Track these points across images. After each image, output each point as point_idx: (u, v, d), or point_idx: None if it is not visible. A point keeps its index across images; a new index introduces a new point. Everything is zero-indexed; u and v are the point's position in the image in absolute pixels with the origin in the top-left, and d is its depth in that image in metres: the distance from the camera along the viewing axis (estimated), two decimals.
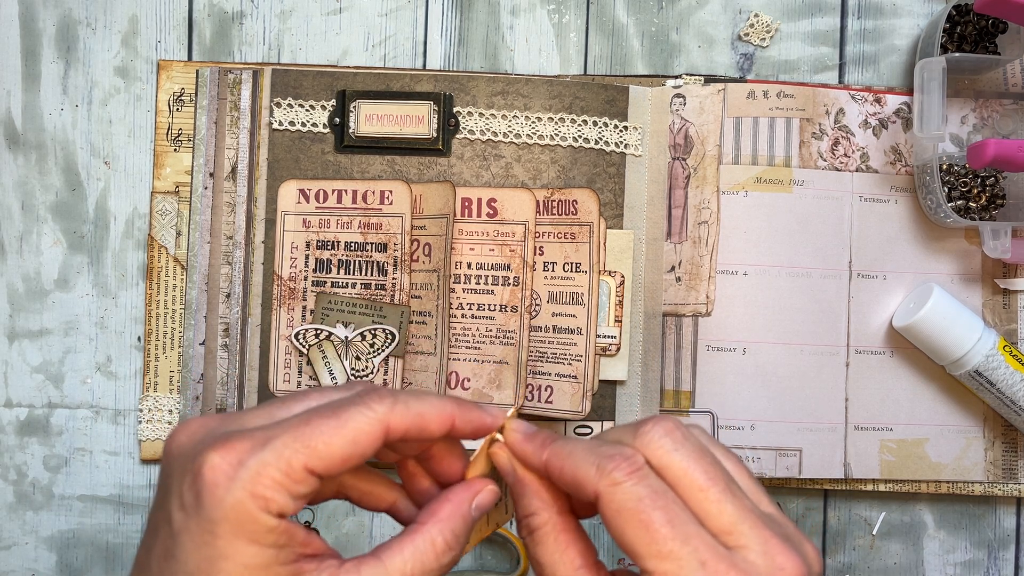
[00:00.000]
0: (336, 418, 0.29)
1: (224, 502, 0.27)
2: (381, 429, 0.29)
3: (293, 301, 0.55)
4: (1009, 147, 0.49)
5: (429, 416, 0.30)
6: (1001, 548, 0.58)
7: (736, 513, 0.28)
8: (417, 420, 0.30)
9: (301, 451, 0.28)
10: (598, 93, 0.56)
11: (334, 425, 0.28)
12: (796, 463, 0.55)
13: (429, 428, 0.30)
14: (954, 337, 0.53)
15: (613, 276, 0.56)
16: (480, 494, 0.32)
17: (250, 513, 0.27)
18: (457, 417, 0.31)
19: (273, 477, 0.27)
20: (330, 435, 0.28)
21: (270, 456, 0.27)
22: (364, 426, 0.29)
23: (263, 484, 0.27)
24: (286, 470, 0.27)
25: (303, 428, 0.28)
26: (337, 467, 0.28)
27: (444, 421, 0.31)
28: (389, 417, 0.29)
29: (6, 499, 0.56)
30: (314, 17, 0.57)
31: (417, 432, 0.30)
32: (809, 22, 0.58)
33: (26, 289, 0.56)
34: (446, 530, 0.30)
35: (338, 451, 0.28)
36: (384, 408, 0.29)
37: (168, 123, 0.56)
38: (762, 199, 0.56)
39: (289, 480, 0.28)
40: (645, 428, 0.29)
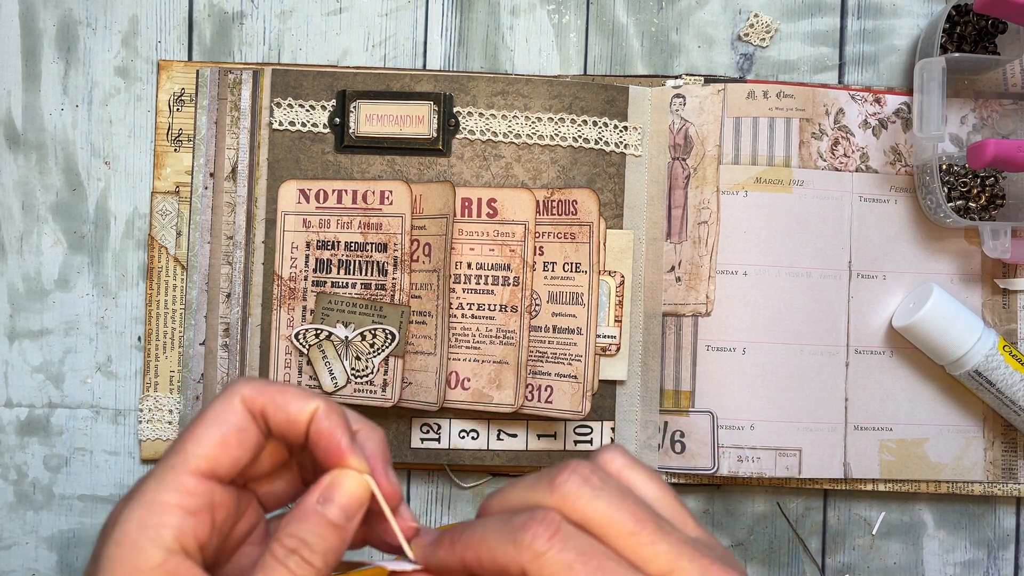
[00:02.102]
0: (201, 415, 0.29)
1: (110, 539, 0.27)
2: (237, 400, 0.28)
3: (293, 301, 0.55)
4: (1009, 147, 0.50)
5: (290, 393, 0.29)
6: (1001, 548, 0.58)
7: (671, 551, 0.26)
8: (277, 394, 0.29)
9: (179, 463, 0.27)
10: (598, 93, 0.56)
11: (197, 422, 0.28)
12: (796, 463, 0.55)
13: (289, 408, 0.29)
14: (954, 337, 0.53)
15: (613, 276, 0.56)
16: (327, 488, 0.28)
17: (136, 545, 0.27)
18: (321, 409, 0.29)
19: (162, 500, 0.27)
20: (197, 430, 0.28)
21: (153, 483, 0.27)
22: (220, 404, 0.28)
23: (151, 511, 0.27)
24: (173, 486, 0.27)
25: (178, 446, 0.28)
26: (217, 453, 0.28)
27: (303, 403, 0.29)
28: (242, 389, 0.29)
29: (6, 499, 0.56)
30: (314, 17, 0.58)
31: (275, 410, 0.29)
32: (809, 22, 0.58)
33: (26, 289, 0.56)
34: (287, 537, 0.27)
35: (206, 438, 0.28)
36: (240, 383, 0.29)
37: (168, 123, 0.56)
38: (762, 199, 0.56)
39: (180, 495, 0.27)
40: (560, 479, 0.27)
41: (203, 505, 0.28)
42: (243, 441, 0.29)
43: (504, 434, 0.56)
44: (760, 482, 0.57)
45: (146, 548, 0.26)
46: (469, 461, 0.56)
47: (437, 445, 0.56)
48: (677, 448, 0.56)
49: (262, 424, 0.29)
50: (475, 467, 0.57)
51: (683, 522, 0.28)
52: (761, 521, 0.58)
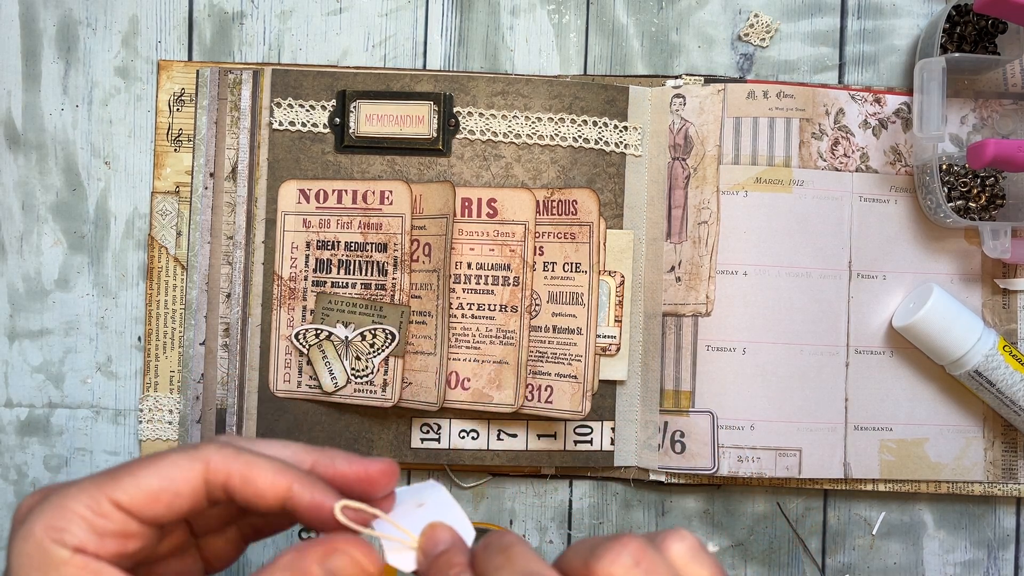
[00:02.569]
0: (157, 458, 0.27)
1: (19, 535, 0.26)
2: (200, 466, 0.27)
3: (293, 301, 0.55)
4: (1009, 147, 0.50)
5: (261, 468, 0.27)
6: (1001, 548, 0.58)
7: None
8: (245, 468, 0.27)
9: (107, 485, 0.26)
10: (598, 93, 0.56)
11: (150, 463, 0.27)
12: (796, 463, 0.55)
13: (257, 483, 0.27)
14: (954, 337, 0.53)
15: (613, 276, 0.56)
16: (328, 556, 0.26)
17: (41, 545, 0.26)
18: (295, 485, 0.27)
19: (73, 509, 0.26)
20: (142, 470, 0.27)
21: (73, 489, 0.26)
22: (182, 461, 0.27)
23: (61, 516, 0.26)
24: (88, 503, 0.26)
25: (120, 470, 0.27)
26: (146, 501, 0.26)
27: (278, 481, 0.27)
28: (211, 456, 0.27)
29: (6, 499, 0.56)
30: (314, 17, 0.58)
31: (243, 484, 0.27)
32: (809, 22, 0.58)
33: (26, 289, 0.56)
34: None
35: (145, 483, 0.26)
36: (211, 449, 0.27)
37: (168, 123, 0.56)
38: (762, 199, 0.56)
39: (92, 513, 0.26)
40: (608, 556, 0.24)
41: (113, 532, 0.27)
42: (174, 505, 0.27)
43: (504, 434, 0.56)
44: (760, 482, 0.57)
45: (50, 548, 0.26)
46: (469, 461, 0.56)
47: (437, 445, 0.56)
48: (677, 448, 0.56)
49: (218, 493, 0.28)
50: (475, 467, 0.57)
51: None
52: (761, 521, 0.58)
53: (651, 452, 0.56)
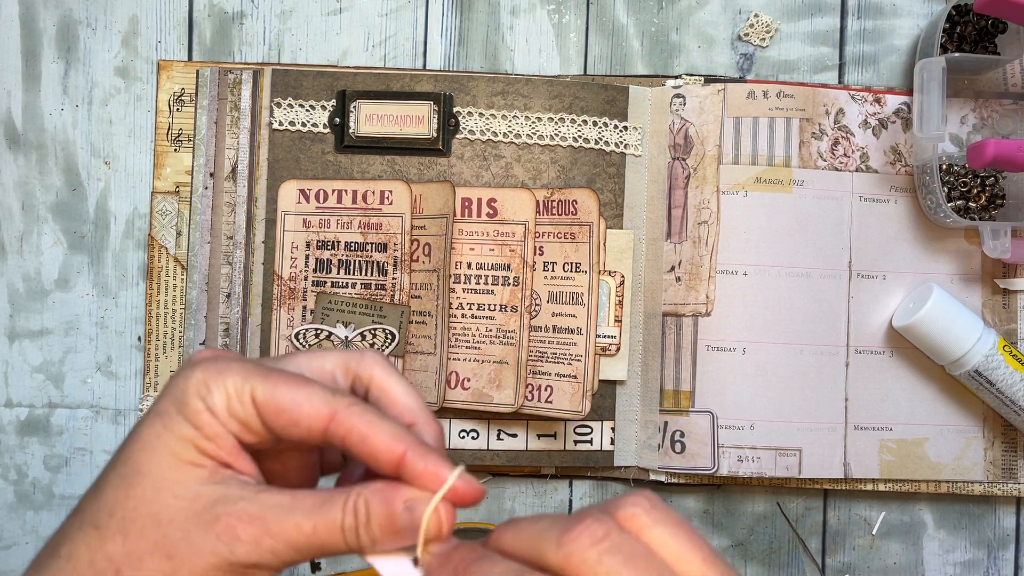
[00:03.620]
0: (303, 381, 0.29)
1: (183, 373, 0.29)
2: (327, 413, 0.29)
3: (293, 301, 0.55)
4: (1009, 147, 0.50)
5: (380, 433, 0.28)
6: (1001, 548, 0.58)
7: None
8: (366, 429, 0.28)
9: (256, 376, 0.29)
10: (598, 93, 0.56)
11: (297, 382, 0.29)
12: (796, 463, 0.55)
13: (375, 445, 0.28)
14: (954, 337, 0.53)
15: (613, 276, 0.56)
16: (419, 502, 0.28)
17: (189, 390, 0.28)
18: (410, 452, 0.28)
19: (225, 381, 0.28)
20: (285, 383, 0.29)
21: (237, 367, 0.29)
22: (316, 398, 0.29)
23: (215, 380, 0.28)
24: (238, 385, 0.28)
25: (274, 371, 0.29)
26: (271, 413, 0.28)
27: (394, 447, 0.28)
28: (341, 409, 0.28)
29: (6, 499, 0.56)
30: (314, 17, 0.58)
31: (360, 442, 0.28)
32: (809, 22, 0.58)
33: (26, 289, 0.56)
34: (362, 498, 0.28)
35: (279, 398, 0.28)
36: (344, 402, 0.29)
37: (168, 123, 0.56)
38: (762, 199, 0.56)
39: (235, 393, 0.28)
40: (569, 536, 0.25)
41: (239, 417, 0.29)
42: (287, 429, 0.29)
43: (504, 434, 0.56)
44: (760, 482, 0.57)
45: (191, 395, 0.28)
46: (469, 461, 0.56)
47: None
48: (677, 448, 0.56)
49: (334, 440, 0.29)
50: (475, 467, 0.57)
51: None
52: (761, 521, 0.58)
53: (651, 452, 0.56)
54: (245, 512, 0.28)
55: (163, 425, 0.28)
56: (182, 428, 0.28)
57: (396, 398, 0.31)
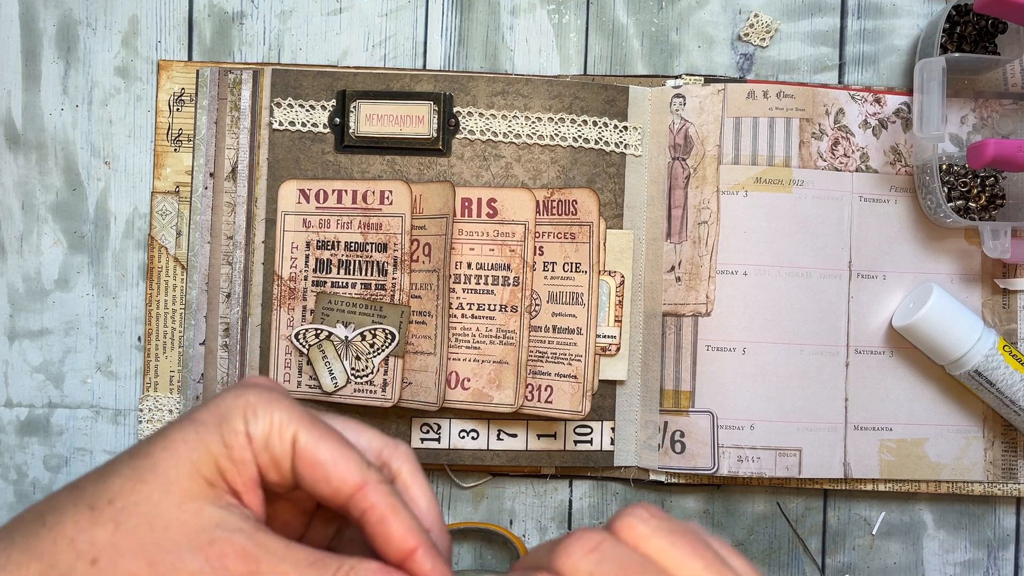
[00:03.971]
0: (343, 444, 0.29)
1: (236, 392, 0.29)
2: (356, 482, 0.29)
3: (293, 301, 0.55)
4: (1009, 147, 0.50)
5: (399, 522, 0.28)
6: (1001, 548, 0.58)
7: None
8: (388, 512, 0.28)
9: (305, 423, 0.29)
10: (598, 93, 0.56)
11: (338, 442, 0.29)
12: (796, 463, 0.55)
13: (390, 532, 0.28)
14: (954, 337, 0.53)
15: (613, 276, 0.56)
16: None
17: (236, 411, 0.28)
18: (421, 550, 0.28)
19: (273, 412, 0.28)
20: (330, 439, 0.29)
21: (288, 403, 0.29)
22: (353, 468, 0.29)
23: (264, 408, 0.28)
24: (284, 421, 0.28)
25: (319, 422, 0.29)
26: (305, 463, 0.28)
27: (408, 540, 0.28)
28: (370, 486, 0.29)
29: (6, 499, 0.56)
30: (314, 17, 0.58)
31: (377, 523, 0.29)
32: (809, 22, 0.58)
33: (26, 289, 0.56)
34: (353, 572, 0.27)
35: (319, 451, 0.28)
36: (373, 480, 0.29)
37: (168, 123, 0.56)
38: (762, 199, 0.56)
39: (278, 429, 0.28)
40: (561, 547, 0.26)
41: (271, 454, 0.29)
42: (315, 487, 0.29)
43: (504, 434, 0.56)
44: (760, 482, 0.57)
45: (236, 416, 0.28)
46: (469, 461, 0.56)
47: (437, 445, 0.56)
48: (677, 448, 0.56)
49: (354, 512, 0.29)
50: (475, 467, 0.57)
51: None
52: (761, 521, 0.58)
53: (651, 452, 0.56)
54: (240, 545, 0.27)
55: (196, 433, 0.28)
56: (213, 442, 0.28)
57: (418, 499, 0.31)
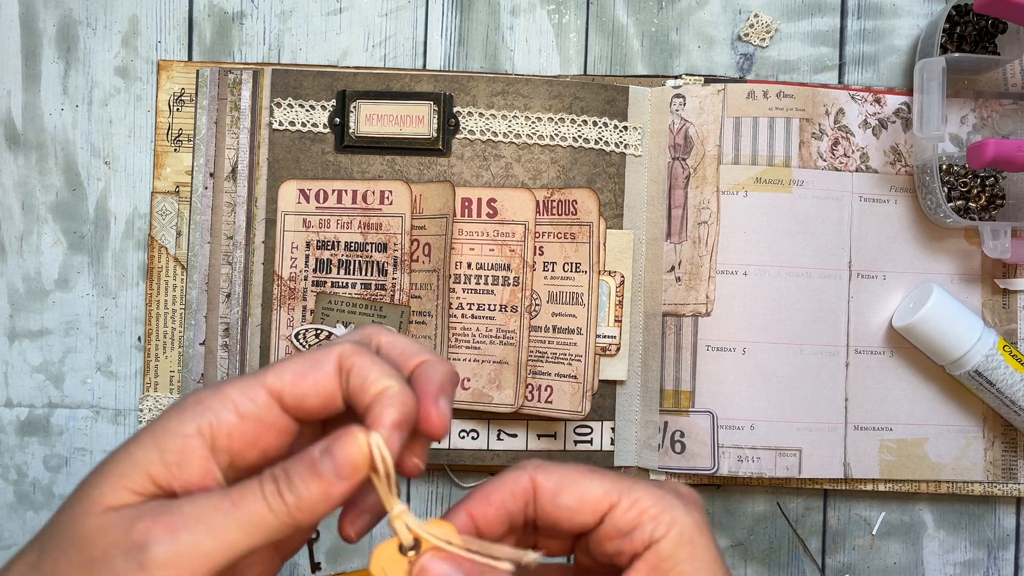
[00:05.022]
0: (298, 356, 0.29)
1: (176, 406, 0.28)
2: (335, 356, 0.29)
3: (293, 301, 0.55)
4: (1009, 147, 0.50)
5: (377, 367, 0.28)
6: (1001, 548, 0.58)
7: None
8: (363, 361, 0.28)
9: (261, 377, 0.28)
10: (598, 93, 0.56)
11: (291, 358, 0.29)
12: (796, 463, 0.55)
13: (368, 377, 0.28)
14: (954, 337, 0.53)
15: (613, 276, 0.56)
16: (334, 440, 0.27)
17: (184, 414, 0.28)
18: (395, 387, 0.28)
19: (227, 392, 0.28)
20: (285, 362, 0.29)
21: (232, 386, 0.28)
22: (321, 352, 0.29)
23: (216, 399, 0.28)
24: (242, 387, 0.28)
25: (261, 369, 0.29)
26: (292, 381, 0.28)
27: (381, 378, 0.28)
28: (343, 346, 0.29)
29: (6, 499, 0.56)
30: (314, 17, 0.58)
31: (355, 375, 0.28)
32: (809, 22, 0.58)
33: (26, 289, 0.56)
34: (278, 467, 0.27)
35: (290, 368, 0.28)
36: (343, 344, 0.29)
37: (168, 123, 0.56)
38: (762, 199, 0.56)
39: (242, 394, 0.28)
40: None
41: (254, 414, 0.28)
42: (319, 386, 0.29)
43: (504, 434, 0.56)
44: (760, 482, 0.57)
45: (186, 420, 0.27)
46: (469, 461, 0.56)
47: (437, 445, 0.56)
48: (677, 448, 0.56)
49: (344, 384, 0.29)
50: (475, 467, 0.57)
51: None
52: (761, 521, 0.58)
53: (651, 452, 0.56)
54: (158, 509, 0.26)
55: (126, 451, 0.27)
56: (144, 455, 0.27)
57: (405, 347, 0.31)
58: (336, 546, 0.57)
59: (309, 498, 0.27)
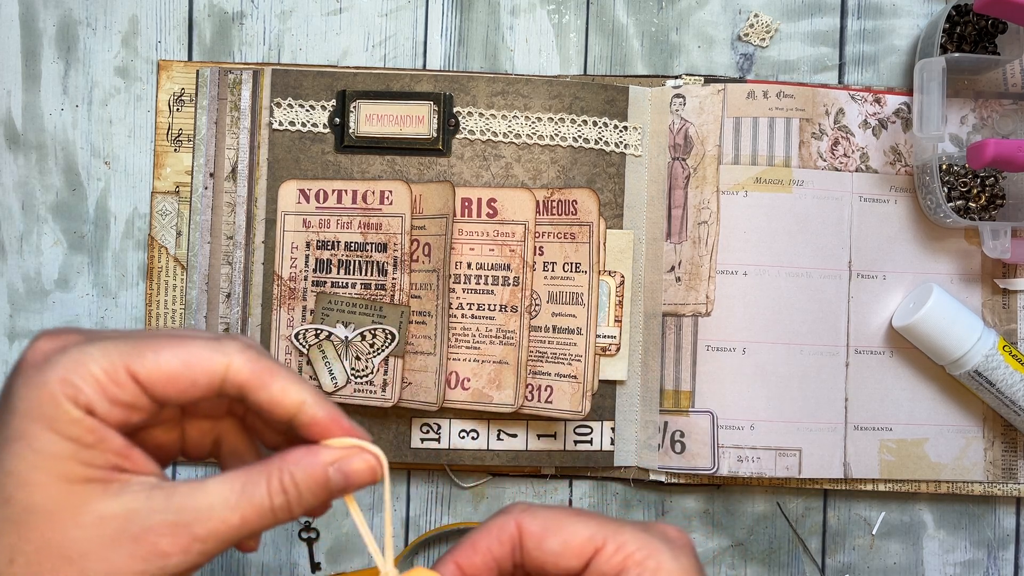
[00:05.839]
0: (182, 340, 0.28)
1: (31, 381, 0.26)
2: (223, 361, 0.27)
3: (293, 301, 0.55)
4: (1009, 147, 0.50)
5: (281, 376, 0.28)
6: (1001, 548, 0.58)
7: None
8: (265, 373, 0.28)
9: (128, 353, 0.26)
10: (598, 93, 0.56)
11: (175, 343, 0.27)
12: (796, 463, 0.55)
13: (273, 389, 0.28)
14: (954, 337, 0.53)
15: (613, 276, 0.56)
16: (346, 460, 0.28)
17: (54, 398, 0.25)
18: (310, 398, 0.28)
19: (90, 370, 0.26)
20: (165, 349, 0.27)
21: (95, 350, 0.26)
22: (206, 352, 0.27)
23: (77, 373, 0.26)
24: (107, 367, 0.26)
25: (141, 338, 0.27)
26: (162, 381, 0.27)
27: (294, 392, 0.28)
28: (235, 355, 0.27)
29: None
30: (314, 17, 0.58)
31: (259, 388, 0.28)
32: (809, 22, 0.58)
33: (26, 289, 0.56)
34: (286, 474, 0.27)
35: (166, 364, 0.27)
36: (235, 347, 0.28)
37: (168, 123, 0.56)
38: (762, 199, 0.56)
39: (108, 379, 0.26)
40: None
41: (123, 402, 0.27)
42: (187, 392, 0.27)
43: (504, 434, 0.56)
44: (760, 482, 0.57)
45: (63, 403, 0.26)
46: (469, 461, 0.56)
47: (437, 445, 0.56)
48: (677, 448, 0.56)
49: (232, 390, 0.28)
50: (475, 467, 0.57)
51: None
52: (761, 521, 0.58)
53: (651, 452, 0.56)
54: (164, 524, 0.26)
55: (32, 450, 0.25)
56: (56, 446, 0.25)
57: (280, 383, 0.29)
58: (336, 546, 0.57)
59: (311, 503, 0.28)
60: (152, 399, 0.27)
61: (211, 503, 0.26)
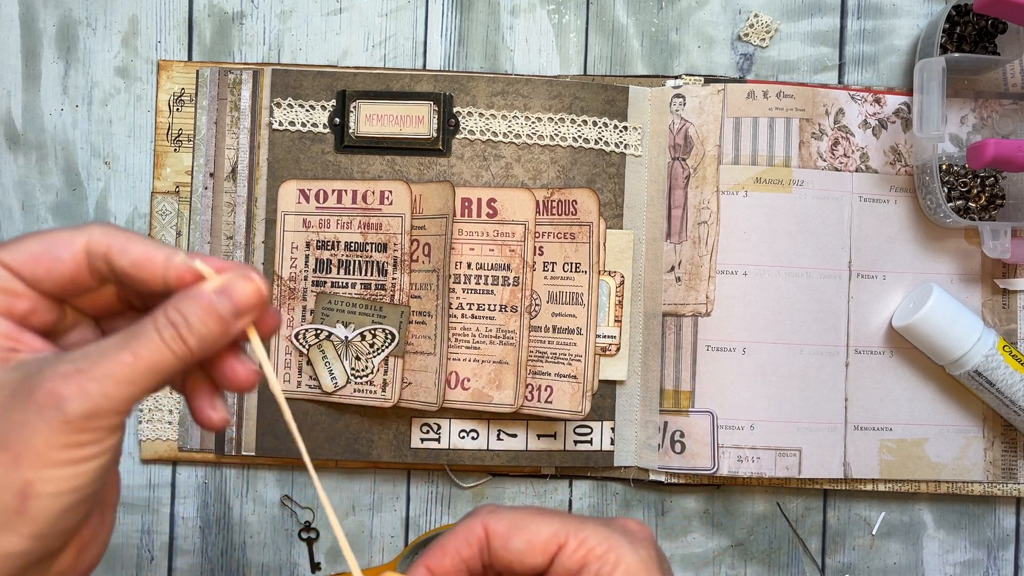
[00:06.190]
0: (44, 231, 0.29)
1: None
2: (82, 236, 0.29)
3: (293, 301, 0.55)
4: (1009, 147, 0.50)
5: (139, 240, 0.29)
6: (1001, 548, 0.58)
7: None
8: (125, 240, 0.28)
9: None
10: (598, 93, 0.56)
11: (37, 234, 0.29)
12: (796, 463, 0.55)
13: (134, 252, 0.28)
14: (954, 337, 0.53)
15: (613, 276, 0.56)
16: (227, 283, 0.28)
17: None
18: (174, 256, 0.28)
19: None
20: (27, 238, 0.29)
21: None
22: (65, 232, 0.29)
23: None
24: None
25: (8, 240, 0.29)
26: (29, 263, 0.28)
27: (153, 251, 0.29)
28: (94, 228, 0.29)
29: None
30: (314, 17, 0.58)
31: (121, 253, 0.28)
32: (809, 22, 0.58)
33: None
34: (171, 308, 0.28)
35: (27, 247, 0.28)
36: (95, 225, 0.29)
37: (168, 123, 0.56)
38: (762, 199, 0.56)
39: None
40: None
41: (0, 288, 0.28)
42: (55, 270, 0.29)
43: (504, 434, 0.56)
44: (760, 482, 0.57)
45: None
46: (469, 461, 0.56)
47: (437, 445, 0.56)
48: (677, 448, 0.56)
49: (99, 263, 0.29)
50: (475, 467, 0.57)
51: None
52: (761, 521, 0.58)
53: (651, 452, 0.56)
54: (58, 372, 0.27)
55: None
56: None
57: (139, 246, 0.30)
58: (336, 546, 0.57)
59: (210, 337, 0.28)
60: (25, 283, 0.29)
61: (101, 350, 0.27)
